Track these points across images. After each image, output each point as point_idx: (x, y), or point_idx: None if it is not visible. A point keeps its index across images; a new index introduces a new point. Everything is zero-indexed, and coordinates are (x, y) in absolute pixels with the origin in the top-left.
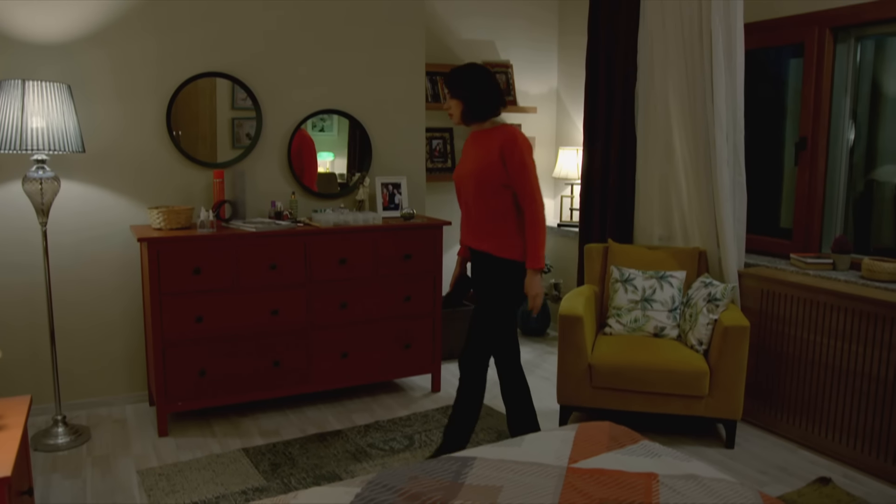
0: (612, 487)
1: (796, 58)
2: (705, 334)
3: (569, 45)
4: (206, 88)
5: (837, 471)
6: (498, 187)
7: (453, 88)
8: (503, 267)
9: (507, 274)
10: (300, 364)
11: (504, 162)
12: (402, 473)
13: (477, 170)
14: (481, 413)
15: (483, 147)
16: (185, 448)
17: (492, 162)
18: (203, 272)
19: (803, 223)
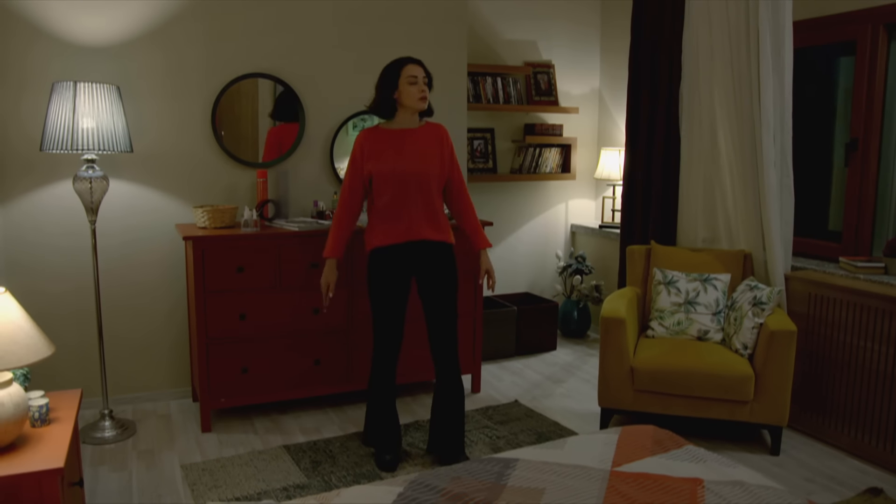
0: (657, 492)
1: (846, 56)
2: (750, 338)
3: (611, 45)
4: (248, 89)
5: (889, 481)
6: (443, 180)
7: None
8: (453, 255)
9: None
10: (341, 363)
11: (446, 155)
12: (444, 473)
13: (428, 164)
14: (522, 414)
15: (423, 142)
16: (228, 444)
17: (438, 155)
18: (246, 270)
19: (853, 226)
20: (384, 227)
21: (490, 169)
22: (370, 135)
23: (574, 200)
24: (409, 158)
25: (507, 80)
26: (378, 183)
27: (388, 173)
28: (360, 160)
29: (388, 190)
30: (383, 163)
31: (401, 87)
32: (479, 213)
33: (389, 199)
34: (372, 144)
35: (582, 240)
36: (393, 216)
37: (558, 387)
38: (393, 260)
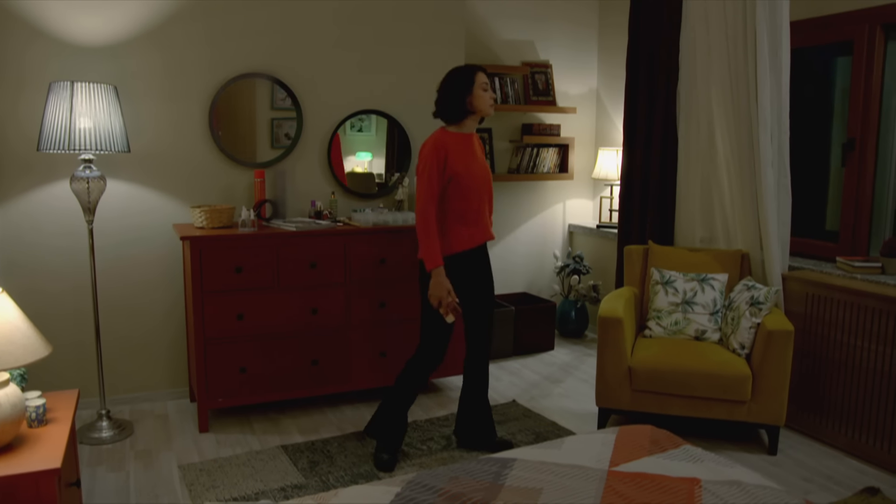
0: (654, 492)
1: (843, 56)
2: (748, 338)
3: (609, 45)
4: (246, 89)
5: (887, 481)
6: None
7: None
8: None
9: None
10: (339, 363)
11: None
12: (442, 473)
13: (488, 168)
14: (520, 414)
15: (476, 148)
16: (225, 444)
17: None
18: (244, 270)
19: (850, 226)
20: (467, 231)
21: None
22: (447, 138)
23: (572, 200)
24: (479, 162)
25: (504, 80)
26: (460, 186)
27: (470, 176)
28: (443, 162)
29: (469, 193)
30: (464, 166)
31: (475, 92)
32: None
33: (470, 202)
34: (452, 147)
35: (580, 240)
36: (473, 219)
37: (556, 387)
38: (471, 262)
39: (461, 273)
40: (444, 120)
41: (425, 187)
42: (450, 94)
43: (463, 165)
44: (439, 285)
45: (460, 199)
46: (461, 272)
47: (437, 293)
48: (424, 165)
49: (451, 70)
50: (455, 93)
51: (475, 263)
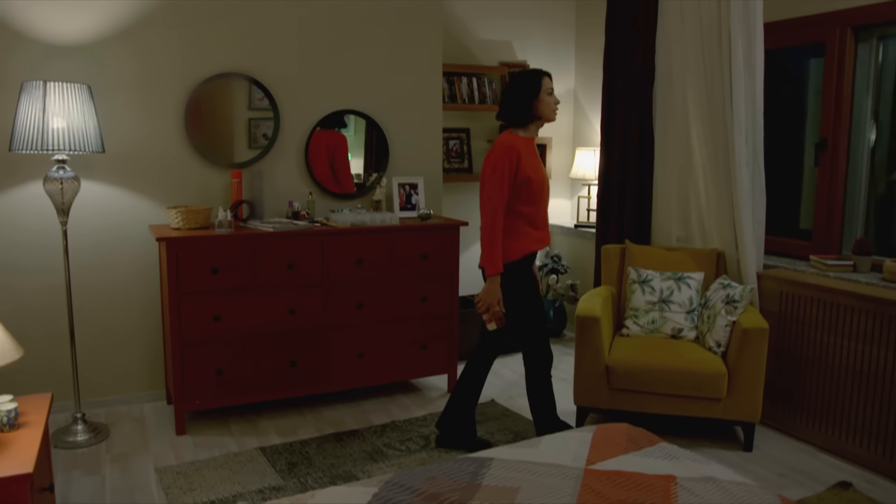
0: (630, 489)
1: (816, 58)
2: (724, 336)
3: (586, 45)
4: (223, 89)
5: (859, 475)
6: None
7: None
8: None
9: None
10: (317, 364)
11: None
12: (419, 474)
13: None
14: (499, 413)
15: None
16: (203, 447)
17: None
18: (221, 272)
19: (823, 225)
20: (537, 234)
21: (465, 169)
22: (517, 142)
23: (550, 200)
24: (541, 167)
25: (482, 81)
26: (532, 190)
27: (541, 180)
28: (515, 167)
29: (538, 196)
30: (534, 169)
31: (541, 97)
32: (454, 213)
33: (539, 205)
34: (523, 151)
35: (558, 239)
36: (541, 223)
37: None
38: (531, 265)
39: (530, 274)
40: (511, 124)
41: (497, 192)
42: (517, 98)
43: (533, 169)
44: (493, 293)
45: (531, 202)
46: (530, 274)
47: (489, 300)
48: (496, 169)
49: (518, 74)
50: (522, 97)
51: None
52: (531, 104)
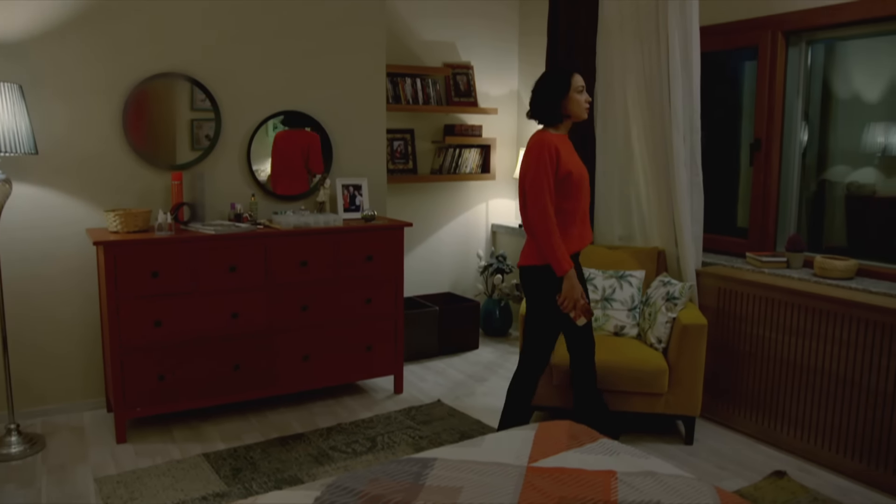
0: (572, 485)
1: (751, 60)
2: (664, 333)
3: (529, 44)
4: (164, 90)
5: (792, 464)
6: None
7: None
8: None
9: None
10: (261, 367)
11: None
12: (362, 476)
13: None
14: (445, 414)
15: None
16: (144, 454)
17: None
18: (161, 275)
19: (758, 222)
20: (578, 231)
21: (410, 170)
22: (552, 138)
23: (494, 200)
24: (580, 163)
25: (426, 81)
26: (573, 185)
27: (581, 174)
28: (556, 161)
29: (580, 193)
30: (575, 164)
31: (570, 95)
32: (399, 214)
33: (580, 201)
34: (560, 146)
35: (503, 239)
36: (582, 219)
37: (481, 385)
38: (577, 263)
39: (577, 272)
40: (541, 123)
41: (540, 185)
42: (546, 97)
43: (573, 163)
44: (573, 288)
45: (571, 198)
46: (577, 271)
47: (573, 296)
48: (536, 162)
49: (546, 72)
50: (551, 96)
51: (577, 266)
52: (560, 103)
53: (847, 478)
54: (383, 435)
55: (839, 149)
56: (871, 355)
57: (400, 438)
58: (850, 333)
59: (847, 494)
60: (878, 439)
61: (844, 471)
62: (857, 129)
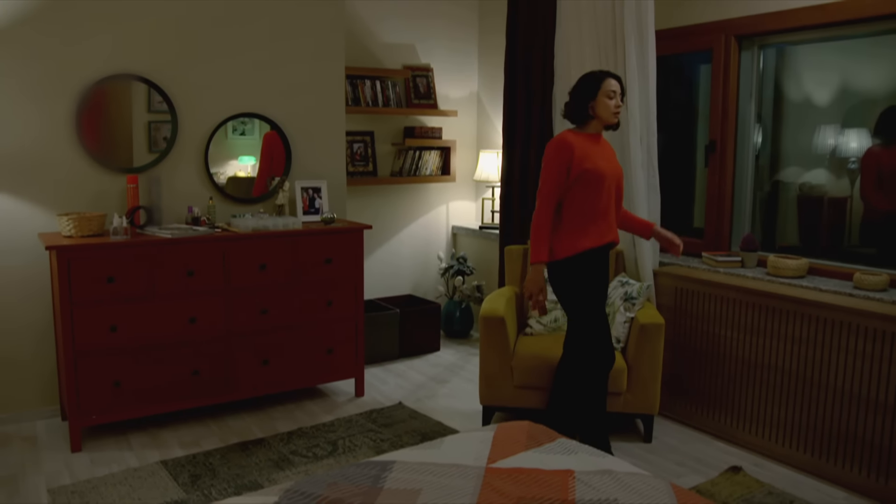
0: (530, 485)
1: (707, 64)
2: (623, 332)
3: (489, 46)
4: (120, 91)
5: (748, 459)
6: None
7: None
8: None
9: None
10: (220, 372)
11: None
12: (320, 480)
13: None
14: (406, 416)
15: (609, 150)
16: (101, 463)
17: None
18: (117, 280)
19: (714, 223)
20: (596, 228)
21: (370, 172)
22: (572, 138)
23: (455, 202)
24: (609, 162)
25: (386, 84)
26: (590, 183)
27: (601, 173)
28: (568, 162)
29: (599, 191)
30: (592, 162)
31: (599, 98)
32: (359, 217)
33: (600, 200)
34: (578, 146)
35: (463, 241)
36: (601, 216)
37: (442, 387)
38: (598, 260)
39: (588, 271)
40: (570, 121)
41: (547, 188)
42: (576, 96)
43: (591, 161)
44: (535, 281)
45: (589, 195)
46: (588, 270)
47: (531, 288)
48: (547, 165)
49: (585, 74)
50: (581, 96)
51: (601, 263)
52: (587, 104)
53: (799, 471)
54: (344, 438)
55: (791, 151)
56: (822, 352)
57: (361, 442)
58: (802, 330)
59: (799, 487)
60: (827, 433)
61: (797, 464)
62: (808, 132)
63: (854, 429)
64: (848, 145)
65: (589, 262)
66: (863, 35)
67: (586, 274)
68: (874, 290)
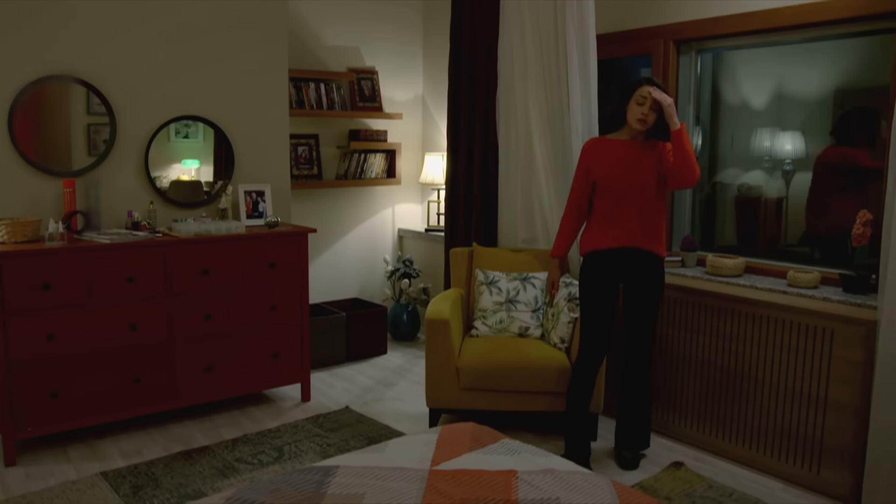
0: (473, 486)
1: (647, 67)
2: (567, 332)
3: (434, 47)
4: (58, 93)
5: (689, 454)
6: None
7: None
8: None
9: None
10: (162, 380)
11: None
12: (263, 487)
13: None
14: (353, 420)
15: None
16: (37, 477)
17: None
18: (53, 287)
19: None
20: (602, 232)
21: (315, 175)
22: (595, 144)
23: (400, 205)
24: (631, 168)
25: (330, 86)
26: (600, 189)
27: (609, 180)
28: (586, 169)
29: (609, 196)
30: (609, 169)
31: (630, 103)
32: (304, 220)
33: (609, 205)
34: (596, 153)
35: (409, 244)
36: (611, 222)
37: (389, 390)
38: (605, 264)
39: (597, 274)
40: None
41: (572, 190)
42: (615, 101)
43: (608, 170)
44: (550, 274)
45: (602, 199)
46: (600, 271)
47: (549, 278)
48: (576, 170)
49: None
50: (618, 101)
51: (620, 266)
52: (621, 108)
53: (738, 464)
54: (290, 444)
55: (729, 153)
56: (758, 348)
57: (307, 447)
58: (738, 328)
59: (737, 480)
60: (764, 427)
61: (736, 458)
62: (745, 134)
63: (788, 422)
64: (783, 147)
65: (598, 263)
66: (796, 41)
67: (593, 275)
68: (806, 288)
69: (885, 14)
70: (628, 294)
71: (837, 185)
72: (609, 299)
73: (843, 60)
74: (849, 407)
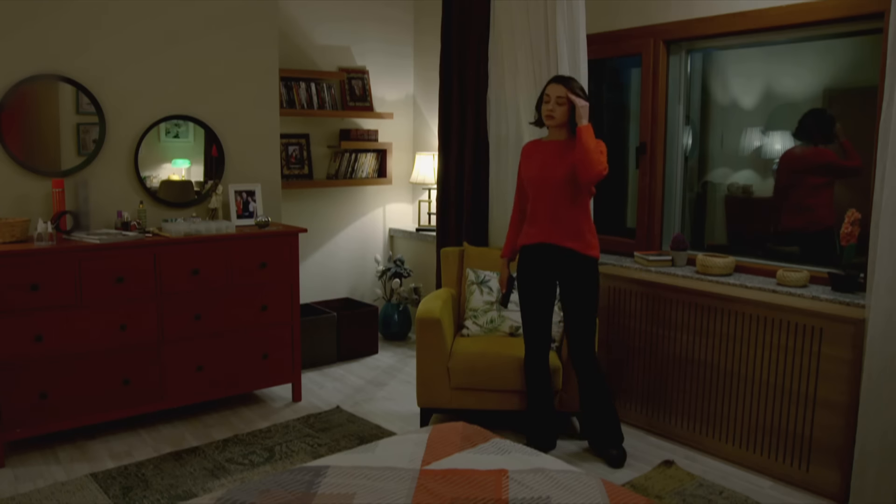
0: (464, 486)
1: (638, 67)
2: (557, 332)
3: (424, 46)
4: (47, 92)
5: (680, 453)
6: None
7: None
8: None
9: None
10: (152, 380)
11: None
12: (253, 488)
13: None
14: (344, 420)
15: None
16: (25, 479)
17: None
18: (42, 288)
19: (645, 223)
20: (526, 229)
21: (306, 175)
22: (529, 146)
23: (391, 205)
24: (547, 167)
25: (321, 86)
26: (526, 188)
27: (528, 179)
28: (519, 169)
29: (529, 194)
30: (535, 170)
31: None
32: (295, 220)
33: (530, 203)
34: (527, 154)
35: (400, 243)
36: (531, 219)
37: (380, 390)
38: (531, 260)
39: (527, 267)
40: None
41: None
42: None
43: (529, 170)
44: (500, 273)
45: (528, 200)
46: (527, 266)
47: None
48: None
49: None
50: (538, 100)
51: (546, 262)
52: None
53: (728, 462)
54: (281, 444)
55: (719, 152)
56: (747, 346)
57: (298, 447)
58: (728, 326)
59: (728, 478)
60: (754, 425)
61: (726, 456)
62: (735, 134)
63: (778, 420)
64: (772, 147)
65: (524, 258)
66: (785, 41)
67: (522, 269)
68: (796, 287)
69: (872, 15)
70: (561, 291)
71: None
72: (541, 293)
73: (832, 60)
74: (838, 405)
